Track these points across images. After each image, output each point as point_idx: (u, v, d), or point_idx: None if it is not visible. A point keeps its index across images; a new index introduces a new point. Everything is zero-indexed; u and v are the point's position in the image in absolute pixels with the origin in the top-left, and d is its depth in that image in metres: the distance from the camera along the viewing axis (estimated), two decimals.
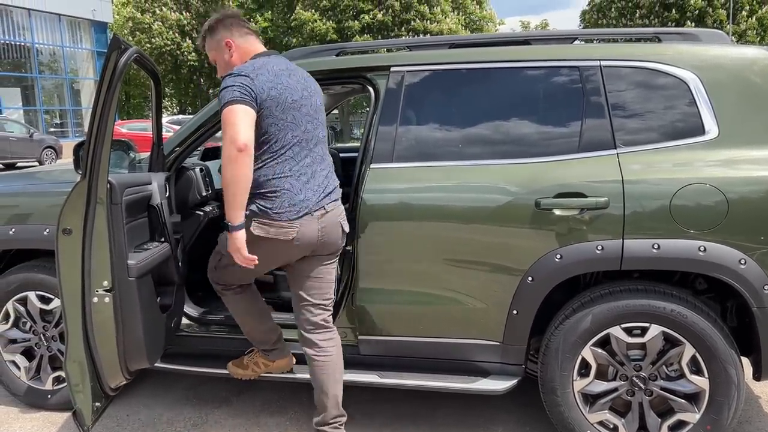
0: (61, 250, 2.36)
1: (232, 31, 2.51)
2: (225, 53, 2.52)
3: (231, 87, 2.24)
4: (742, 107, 2.50)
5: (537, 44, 2.85)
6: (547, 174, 2.53)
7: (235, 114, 2.20)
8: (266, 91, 2.29)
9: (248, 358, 2.87)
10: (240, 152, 2.17)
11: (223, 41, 2.50)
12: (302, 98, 2.43)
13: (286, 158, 2.36)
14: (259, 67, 2.34)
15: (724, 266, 2.37)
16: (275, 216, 2.33)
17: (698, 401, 2.49)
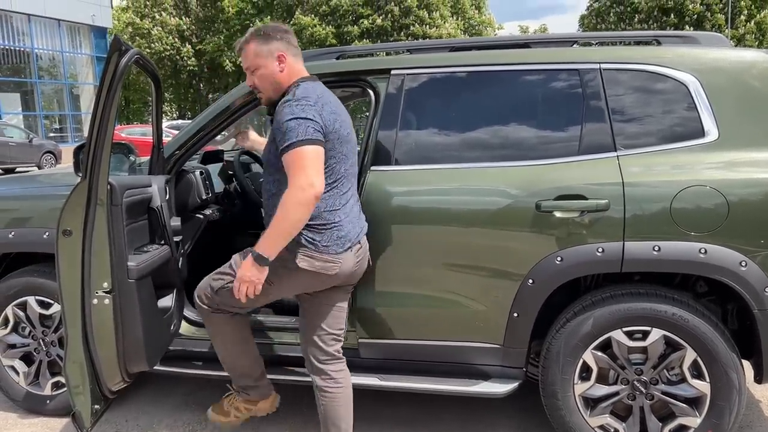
0: (61, 251, 2.35)
1: (288, 46, 2.37)
2: (275, 66, 2.34)
3: (302, 120, 2.14)
4: (741, 110, 2.50)
5: (537, 47, 2.85)
6: (548, 176, 2.52)
7: (313, 157, 2.12)
8: (332, 123, 2.23)
9: (227, 403, 2.77)
10: (315, 199, 2.10)
11: (276, 53, 2.33)
12: (351, 132, 2.40)
13: (337, 191, 2.31)
14: (320, 95, 2.26)
15: (725, 268, 2.37)
16: (323, 249, 2.27)
17: (699, 405, 2.48)
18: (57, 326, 3.06)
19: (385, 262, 2.68)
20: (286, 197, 2.10)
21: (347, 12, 30.10)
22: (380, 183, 2.67)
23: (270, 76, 2.36)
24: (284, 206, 2.10)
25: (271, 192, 2.36)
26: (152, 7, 33.27)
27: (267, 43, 2.34)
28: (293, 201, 2.08)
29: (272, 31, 2.36)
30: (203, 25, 33.78)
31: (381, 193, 2.66)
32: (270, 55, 2.34)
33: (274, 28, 2.38)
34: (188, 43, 33.11)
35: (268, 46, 2.34)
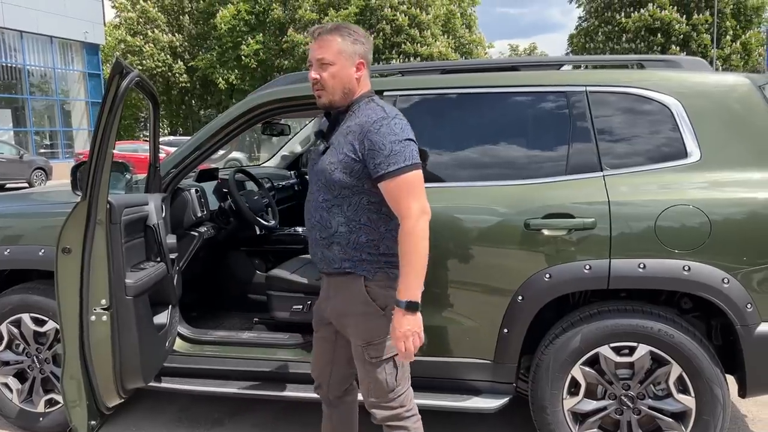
0: (61, 268, 2.39)
1: (368, 53, 2.15)
2: (352, 70, 2.10)
3: (406, 142, 1.99)
4: (723, 131, 2.58)
5: (525, 70, 2.93)
6: (536, 195, 2.59)
7: (420, 180, 1.98)
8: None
9: None
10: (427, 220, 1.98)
11: (359, 59, 2.11)
12: None
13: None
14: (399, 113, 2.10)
15: (708, 285, 2.43)
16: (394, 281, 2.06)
17: (685, 420, 2.53)
18: (51, 343, 3.08)
19: None
20: (410, 230, 1.94)
21: None
22: None
23: (345, 78, 2.10)
24: (411, 240, 1.94)
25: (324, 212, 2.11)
26: (145, 24, 33.41)
27: (354, 43, 2.10)
28: (418, 233, 1.93)
29: (362, 36, 2.14)
30: (196, 42, 33.95)
31: None
32: (352, 58, 2.10)
33: (363, 33, 2.17)
34: (180, 60, 33.24)
35: (354, 47, 2.10)
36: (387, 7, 30.06)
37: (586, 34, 34.78)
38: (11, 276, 3.25)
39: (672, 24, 30.29)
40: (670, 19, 30.29)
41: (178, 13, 34.16)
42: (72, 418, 2.45)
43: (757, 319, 2.44)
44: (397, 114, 2.07)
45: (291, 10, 30.86)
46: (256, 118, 3.05)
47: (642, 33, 31.09)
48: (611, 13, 32.73)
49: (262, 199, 3.83)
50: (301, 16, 30.14)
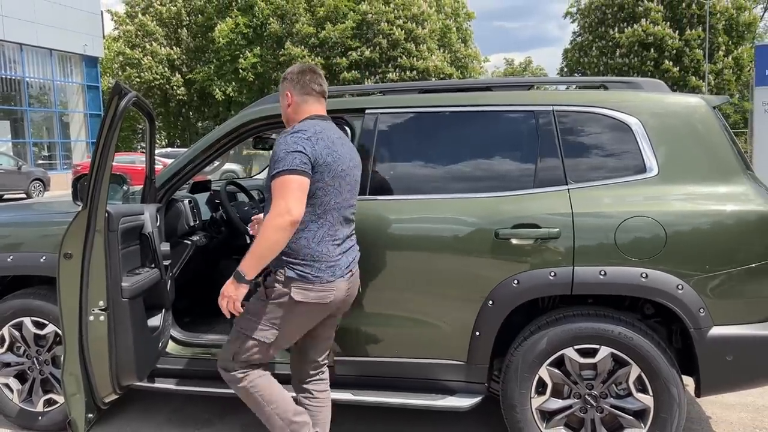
0: (62, 272, 2.58)
1: (295, 86, 2.57)
2: (284, 102, 2.60)
3: (293, 153, 2.31)
4: (679, 148, 2.78)
5: (498, 90, 3.13)
6: (506, 207, 2.78)
7: (295, 184, 2.28)
8: (323, 157, 2.38)
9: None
10: (292, 226, 2.27)
11: (285, 91, 2.59)
12: (348, 168, 2.53)
13: (325, 222, 2.44)
14: (319, 131, 2.43)
15: (664, 291, 2.62)
16: (315, 280, 2.40)
17: (644, 418, 2.70)
18: (50, 346, 3.25)
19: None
20: (266, 221, 2.29)
21: (336, 44, 30.71)
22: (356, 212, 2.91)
23: (282, 111, 2.64)
24: (263, 229, 2.28)
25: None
26: (143, 37, 33.74)
27: (282, 83, 2.63)
28: (271, 225, 2.26)
29: (289, 73, 2.62)
30: (193, 54, 34.29)
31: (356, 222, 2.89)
32: (282, 93, 2.62)
33: (291, 70, 2.62)
34: (178, 73, 33.55)
35: (281, 85, 2.63)
36: (383, 22, 30.44)
37: (580, 49, 35.22)
38: (12, 281, 3.42)
39: (665, 39, 30.72)
40: (663, 34, 30.72)
41: (177, 27, 34.53)
42: (71, 410, 2.63)
43: (710, 323, 2.62)
44: (301, 130, 2.40)
45: (288, 24, 31.24)
46: (247, 134, 3.24)
47: (635, 48, 31.51)
48: (605, 29, 33.19)
49: (252, 210, 4.02)
50: (298, 30, 30.51)
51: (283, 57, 30.47)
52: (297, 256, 2.39)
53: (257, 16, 31.80)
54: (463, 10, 36.73)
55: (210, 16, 33.22)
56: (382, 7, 30.47)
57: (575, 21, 37.05)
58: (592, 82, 3.28)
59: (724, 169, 2.74)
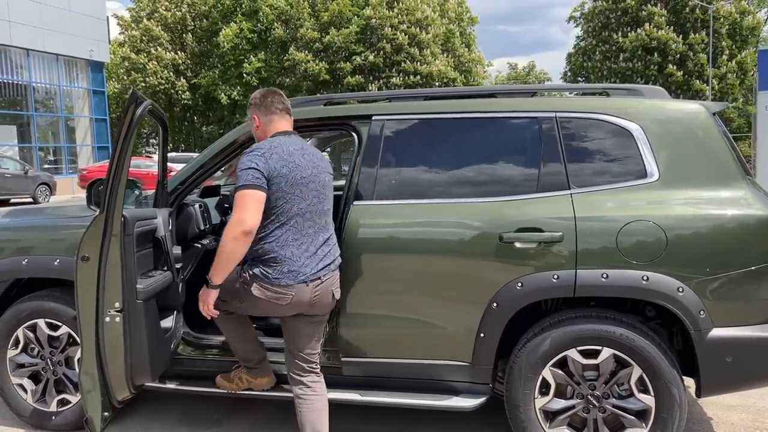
0: (80, 275, 2.66)
1: (260, 109, 2.83)
2: (253, 125, 2.87)
3: (247, 170, 2.55)
4: (680, 154, 2.84)
5: (502, 97, 3.20)
6: (510, 211, 2.85)
7: (249, 198, 2.52)
8: (277, 169, 2.58)
9: (234, 373, 3.17)
10: (245, 235, 2.50)
11: (252, 116, 2.86)
12: (311, 175, 2.70)
13: (290, 228, 2.63)
14: (275, 146, 2.65)
15: (664, 293, 2.68)
16: (274, 281, 2.62)
17: (646, 418, 2.76)
18: (64, 347, 3.32)
19: (366, 287, 2.97)
20: (224, 231, 2.55)
21: (340, 49, 30.81)
22: (362, 216, 2.98)
23: (254, 134, 2.90)
24: (222, 239, 2.55)
25: None
26: (148, 42, 33.92)
27: (248, 108, 2.90)
28: (227, 234, 2.52)
29: (253, 98, 2.88)
30: (198, 59, 34.44)
31: (363, 226, 2.97)
32: (250, 118, 2.89)
33: (254, 96, 2.88)
34: (183, 77, 33.70)
35: (249, 111, 2.89)
36: (387, 27, 30.52)
37: (584, 53, 35.22)
38: (27, 284, 3.50)
39: (668, 44, 30.71)
40: (667, 38, 30.71)
41: (182, 32, 34.69)
42: (88, 409, 2.71)
43: (710, 325, 2.68)
44: (258, 148, 2.64)
45: (293, 29, 31.35)
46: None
47: (639, 52, 31.50)
48: (608, 33, 33.18)
49: None
50: (302, 34, 30.62)
51: (287, 62, 30.59)
52: (261, 257, 2.64)
53: (262, 21, 31.95)
54: (467, 14, 36.82)
55: (215, 21, 33.39)
56: (386, 12, 30.56)
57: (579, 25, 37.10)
58: (594, 89, 3.35)
59: (724, 174, 2.80)
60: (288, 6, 31.16)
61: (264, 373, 3.12)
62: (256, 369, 3.11)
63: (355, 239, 2.96)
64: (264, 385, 3.13)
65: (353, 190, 3.06)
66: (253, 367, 3.10)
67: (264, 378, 3.12)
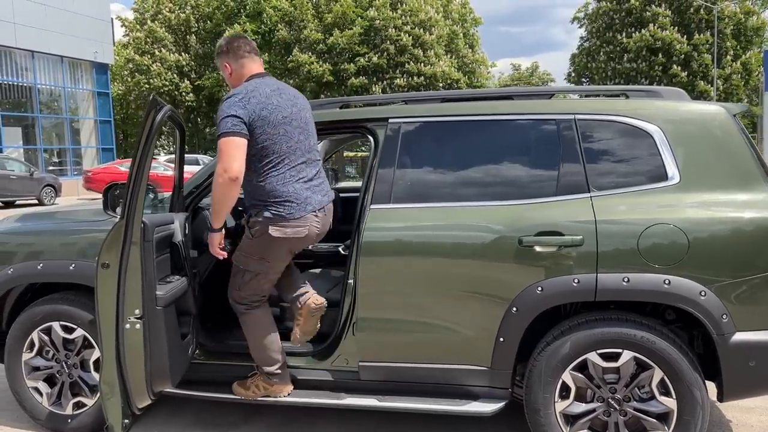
0: (100, 282, 2.65)
1: (229, 56, 2.95)
2: (226, 73, 2.99)
3: (226, 118, 2.67)
4: (700, 156, 2.82)
5: (519, 99, 3.19)
6: (529, 214, 2.83)
7: (229, 146, 2.65)
8: (257, 112, 2.71)
9: (251, 381, 3.13)
10: (232, 182, 2.64)
11: (222, 64, 2.97)
12: (291, 114, 2.85)
13: (285, 166, 2.80)
14: (251, 90, 2.75)
15: (687, 297, 2.66)
16: (288, 216, 2.78)
17: (668, 420, 2.74)
18: (79, 350, 3.31)
19: (384, 291, 2.96)
20: (213, 181, 2.72)
21: (344, 50, 30.83)
22: (380, 219, 2.97)
23: (228, 81, 3.01)
24: (213, 189, 2.74)
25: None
26: (152, 44, 33.98)
27: (217, 58, 3.03)
28: (215, 184, 2.69)
29: (219, 47, 3.00)
30: (202, 61, 34.49)
31: (380, 229, 2.95)
32: (221, 67, 3.02)
33: (219, 43, 3.00)
34: (187, 79, 33.75)
35: (217, 60, 3.03)
36: (391, 28, 30.56)
37: (588, 54, 35.22)
38: (41, 287, 3.49)
39: (673, 44, 30.70)
40: (671, 39, 30.70)
41: (185, 33, 34.78)
42: (108, 416, 2.70)
43: (732, 329, 2.66)
44: (234, 95, 2.73)
45: (296, 31, 31.40)
46: None
47: (643, 53, 31.50)
48: (613, 33, 33.19)
49: None
50: (306, 36, 30.67)
51: (291, 63, 30.63)
52: (269, 198, 2.78)
53: (265, 23, 32.01)
54: (471, 15, 36.83)
55: (219, 22, 33.45)
56: (390, 13, 30.61)
57: (583, 26, 37.09)
58: (612, 90, 3.33)
59: (745, 176, 2.78)
60: (292, 7, 31.21)
61: (283, 381, 3.09)
62: (277, 374, 3.06)
63: (372, 243, 2.95)
64: (282, 392, 3.09)
65: (370, 193, 3.05)
66: (274, 372, 3.06)
67: (282, 386, 3.09)
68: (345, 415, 3.50)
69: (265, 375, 3.07)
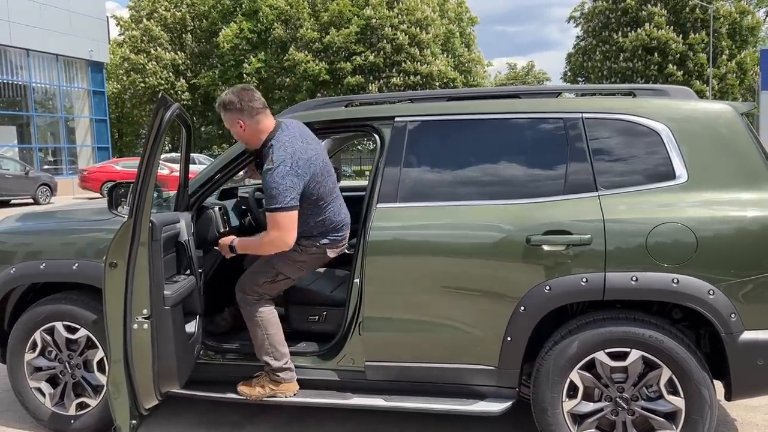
0: (108, 281, 2.63)
1: (243, 113, 2.94)
2: (238, 129, 2.98)
3: (285, 191, 2.80)
4: (708, 155, 2.82)
5: (526, 98, 3.18)
6: (537, 213, 2.82)
7: (288, 220, 2.83)
8: (308, 174, 2.89)
9: (256, 381, 3.12)
10: (286, 247, 2.89)
11: (235, 121, 2.97)
12: (318, 156, 3.00)
13: (333, 199, 3.10)
14: (291, 152, 2.85)
15: (695, 296, 2.65)
16: (341, 239, 3.18)
17: (675, 420, 2.74)
18: (82, 350, 3.29)
19: (390, 290, 2.95)
20: (264, 240, 2.91)
21: (340, 49, 30.78)
22: (387, 218, 2.95)
23: (240, 136, 3.03)
24: (261, 243, 2.96)
25: None
26: (148, 42, 33.85)
27: (225, 113, 2.99)
28: (266, 245, 2.92)
29: (227, 104, 2.95)
30: (198, 59, 34.41)
31: (387, 228, 2.94)
32: (232, 123, 2.99)
33: (227, 102, 2.95)
34: (183, 78, 33.65)
35: (226, 116, 2.99)
36: (387, 27, 30.51)
37: (583, 53, 35.25)
38: (42, 288, 3.46)
39: (668, 43, 30.76)
40: (667, 38, 30.76)
41: (181, 32, 34.67)
42: (116, 417, 2.68)
43: (741, 328, 2.66)
44: (282, 163, 2.82)
45: (293, 29, 31.33)
46: None
47: (639, 52, 31.55)
48: (609, 33, 33.23)
49: None
50: (302, 35, 30.60)
51: (287, 62, 30.55)
52: (328, 228, 3.09)
53: (262, 21, 31.92)
54: (467, 14, 36.83)
55: (214, 21, 33.36)
56: (386, 12, 30.55)
57: (579, 25, 37.12)
58: (620, 89, 3.32)
59: (753, 175, 2.77)
60: (288, 6, 31.12)
61: (290, 380, 3.08)
62: (283, 371, 3.05)
63: (379, 242, 2.93)
64: (287, 391, 3.08)
65: (376, 192, 3.03)
66: (281, 368, 3.05)
67: (288, 385, 3.08)
68: (351, 415, 3.49)
69: (272, 373, 3.06)
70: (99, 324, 3.04)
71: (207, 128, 37.38)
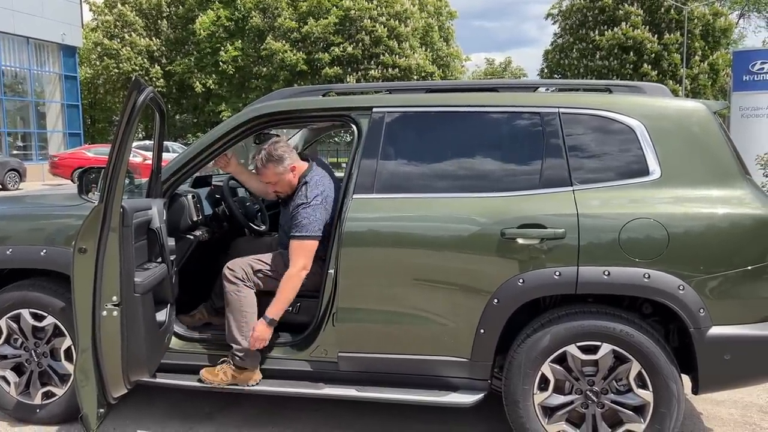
0: (77, 267, 2.57)
1: (293, 156, 3.22)
2: (290, 176, 3.20)
3: (313, 222, 3.03)
4: (682, 152, 2.85)
5: (504, 92, 3.18)
6: (512, 207, 2.83)
7: (310, 248, 3.02)
8: (330, 208, 3.13)
9: (219, 368, 3.10)
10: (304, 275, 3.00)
11: (288, 167, 3.18)
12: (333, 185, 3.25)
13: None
14: (323, 190, 3.13)
15: (666, 291, 2.69)
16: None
17: (644, 413, 2.78)
18: (49, 338, 3.22)
19: (364, 281, 2.94)
20: (292, 272, 2.99)
21: (318, 39, 30.57)
22: (362, 209, 2.94)
23: (288, 184, 3.23)
24: (288, 282, 2.99)
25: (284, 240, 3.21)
26: (122, 28, 33.22)
27: (276, 166, 3.17)
28: (293, 279, 2.99)
29: (273, 156, 3.15)
30: (173, 46, 33.86)
31: (362, 219, 2.93)
32: (286, 171, 3.19)
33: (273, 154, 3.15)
34: (157, 64, 33.11)
35: (280, 167, 3.17)
36: (366, 18, 30.36)
37: (560, 51, 35.49)
38: (9, 274, 3.38)
39: (644, 43, 31.11)
40: (642, 38, 31.11)
41: (157, 18, 34.07)
42: (83, 405, 2.62)
43: (709, 323, 2.70)
44: (315, 197, 3.08)
45: (270, 18, 31.02)
46: (250, 130, 3.25)
47: (615, 51, 31.86)
48: (585, 31, 33.49)
49: (253, 206, 4.01)
50: (280, 24, 30.32)
51: (264, 51, 30.25)
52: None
53: (239, 9, 31.54)
54: (446, 9, 36.81)
55: (191, 7, 32.82)
56: (365, 3, 30.38)
57: (556, 22, 37.35)
58: (597, 85, 3.34)
59: (724, 172, 2.82)
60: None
61: (252, 368, 3.07)
62: (246, 359, 3.04)
63: (353, 232, 2.92)
64: (250, 381, 3.07)
65: (352, 182, 3.01)
66: (247, 354, 3.04)
67: (251, 373, 3.06)
68: (323, 405, 3.48)
69: (236, 358, 3.05)
70: (67, 312, 2.98)
71: (181, 116, 36.89)
